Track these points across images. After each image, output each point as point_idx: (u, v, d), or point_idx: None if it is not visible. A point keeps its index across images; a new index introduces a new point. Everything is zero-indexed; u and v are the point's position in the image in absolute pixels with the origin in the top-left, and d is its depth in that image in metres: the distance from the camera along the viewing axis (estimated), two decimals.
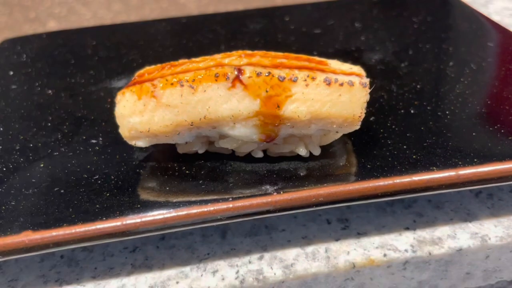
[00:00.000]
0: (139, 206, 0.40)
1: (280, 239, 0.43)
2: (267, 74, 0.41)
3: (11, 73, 0.63)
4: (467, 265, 0.42)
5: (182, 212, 0.39)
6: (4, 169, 0.46)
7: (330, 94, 0.41)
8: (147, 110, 0.42)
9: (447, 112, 0.49)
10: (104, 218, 0.39)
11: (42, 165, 0.46)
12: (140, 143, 0.44)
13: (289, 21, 0.73)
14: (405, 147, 0.44)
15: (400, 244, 0.42)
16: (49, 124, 0.53)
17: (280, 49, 0.46)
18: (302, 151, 0.44)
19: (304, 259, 0.41)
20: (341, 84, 0.41)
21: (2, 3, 0.95)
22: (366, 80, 0.42)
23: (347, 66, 0.44)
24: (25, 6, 0.95)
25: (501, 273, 0.44)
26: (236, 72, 0.41)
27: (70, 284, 0.40)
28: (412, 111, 0.50)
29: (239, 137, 0.42)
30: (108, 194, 0.42)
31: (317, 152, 0.44)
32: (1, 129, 0.52)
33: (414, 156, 0.43)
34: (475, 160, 0.42)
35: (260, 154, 0.45)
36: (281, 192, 0.40)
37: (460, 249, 0.41)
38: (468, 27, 0.67)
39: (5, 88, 0.60)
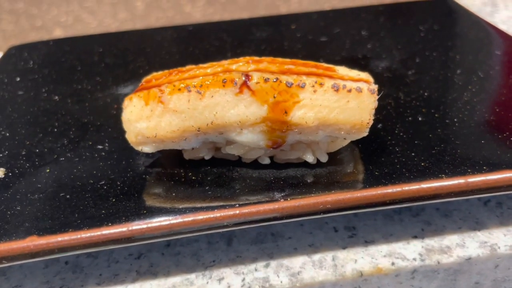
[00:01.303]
0: (145, 212, 0.40)
1: (286, 246, 0.43)
2: (274, 80, 0.40)
3: (18, 79, 0.64)
4: (476, 274, 0.42)
5: (189, 218, 0.39)
6: (10, 174, 0.46)
7: (338, 100, 0.40)
8: (154, 115, 0.42)
9: (455, 120, 0.49)
10: (110, 224, 0.39)
11: (48, 170, 0.46)
12: (147, 149, 0.44)
13: (295, 29, 0.73)
14: (413, 154, 0.44)
15: (408, 252, 0.41)
16: (55, 130, 0.53)
17: (287, 57, 0.46)
18: (310, 158, 0.44)
19: (311, 267, 0.41)
20: (349, 90, 0.41)
21: (9, 12, 0.96)
22: (374, 87, 0.42)
23: (355, 73, 0.43)
24: (32, 15, 0.95)
25: (511, 283, 0.43)
26: (243, 78, 0.40)
27: None
28: (420, 119, 0.49)
29: (246, 143, 0.42)
30: (114, 200, 0.42)
31: (324, 159, 0.44)
32: (8, 134, 0.52)
33: (422, 164, 0.43)
34: (484, 168, 0.41)
35: (267, 161, 0.45)
36: (288, 199, 0.40)
37: (469, 258, 0.41)
38: (475, 35, 0.67)
39: (12, 94, 0.60)
